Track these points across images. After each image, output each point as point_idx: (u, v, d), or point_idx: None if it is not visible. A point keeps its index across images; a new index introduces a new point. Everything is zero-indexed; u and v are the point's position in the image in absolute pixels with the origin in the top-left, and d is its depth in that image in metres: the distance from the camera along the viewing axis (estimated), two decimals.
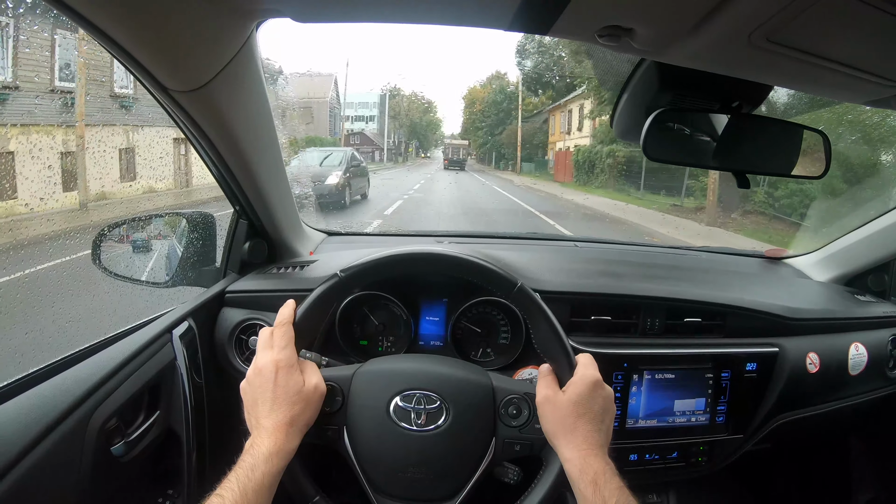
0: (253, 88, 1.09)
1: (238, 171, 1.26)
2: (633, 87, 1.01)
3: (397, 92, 43.09)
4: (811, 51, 0.75)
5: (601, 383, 0.93)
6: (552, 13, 0.70)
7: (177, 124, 1.11)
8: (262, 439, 0.85)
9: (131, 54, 0.83)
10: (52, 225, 3.07)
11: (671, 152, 1.05)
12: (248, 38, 0.94)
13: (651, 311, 1.46)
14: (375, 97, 41.60)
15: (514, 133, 32.93)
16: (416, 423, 0.94)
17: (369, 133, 38.36)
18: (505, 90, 37.70)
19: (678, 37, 0.74)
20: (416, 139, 46.04)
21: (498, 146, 36.23)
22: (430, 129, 48.40)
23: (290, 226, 1.60)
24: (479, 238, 2.17)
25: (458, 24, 0.81)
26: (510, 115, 35.73)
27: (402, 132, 43.80)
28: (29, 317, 2.11)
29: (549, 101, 31.63)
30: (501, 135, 35.26)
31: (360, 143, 35.50)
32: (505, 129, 35.05)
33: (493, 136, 36.79)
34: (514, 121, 34.24)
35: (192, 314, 1.33)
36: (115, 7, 0.72)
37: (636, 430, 1.41)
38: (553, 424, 0.91)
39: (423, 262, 1.03)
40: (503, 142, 35.28)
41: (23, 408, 0.86)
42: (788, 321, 1.53)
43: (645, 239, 8.54)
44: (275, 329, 0.95)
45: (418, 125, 45.45)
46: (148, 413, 1.14)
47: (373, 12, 0.80)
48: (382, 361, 1.05)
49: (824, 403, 1.59)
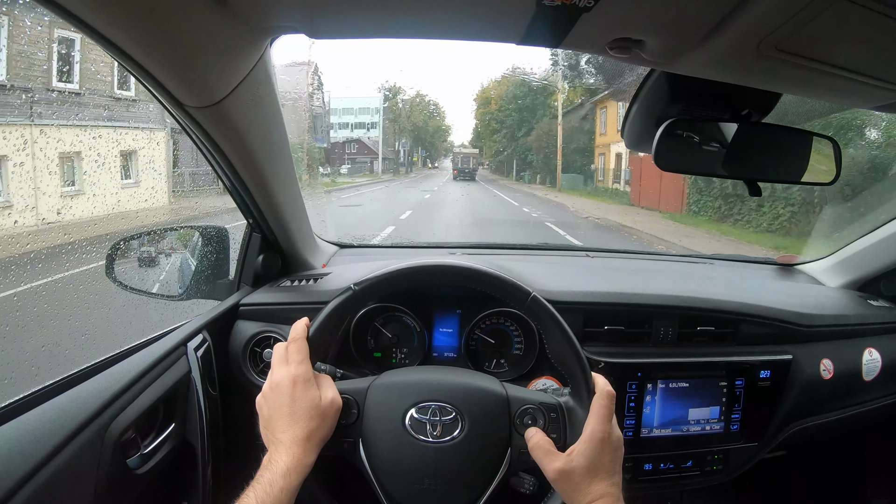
0: (267, 103, 1.10)
1: (252, 185, 1.27)
2: (644, 97, 1.02)
3: (398, 91, 38.69)
4: (820, 58, 0.75)
5: (608, 438, 0.90)
6: (564, 27, 0.71)
7: (191, 139, 1.13)
8: (279, 454, 0.86)
9: (148, 71, 0.84)
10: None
11: (682, 162, 1.06)
12: (262, 54, 0.95)
13: (664, 320, 1.46)
14: (377, 101, 37.47)
15: (545, 134, 26.73)
16: (432, 435, 0.94)
17: (369, 141, 34.96)
18: (528, 83, 31.00)
19: (688, 47, 0.75)
20: (423, 147, 41.55)
21: (521, 152, 30.31)
22: (438, 136, 44.70)
23: (302, 239, 1.60)
24: (490, 249, 2.17)
25: (470, 39, 0.82)
26: (535, 112, 30.40)
27: (406, 139, 39.27)
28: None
29: (585, 94, 25.20)
30: (529, 137, 29.08)
31: (356, 151, 33.26)
32: (532, 130, 28.96)
33: (515, 139, 30.84)
34: (542, 119, 29.12)
35: (207, 327, 1.34)
36: (132, 25, 0.73)
37: (650, 439, 1.40)
38: (568, 493, 0.89)
39: (436, 274, 1.04)
40: (530, 146, 28.89)
41: (41, 419, 0.87)
42: (801, 328, 1.53)
43: (657, 248, 8.44)
44: (289, 344, 0.96)
45: (423, 130, 40.90)
46: (163, 425, 1.14)
47: (387, 28, 0.81)
48: (397, 374, 1.05)
49: (838, 410, 1.58)
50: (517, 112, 31.24)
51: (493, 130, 33.64)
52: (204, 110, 0.97)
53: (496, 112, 33.45)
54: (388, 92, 37.76)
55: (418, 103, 40.80)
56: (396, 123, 38.30)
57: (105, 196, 3.33)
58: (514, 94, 31.80)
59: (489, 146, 34.46)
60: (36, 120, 2.74)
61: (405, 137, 39.49)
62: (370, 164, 32.91)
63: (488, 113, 34.49)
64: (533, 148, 28.26)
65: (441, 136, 44.83)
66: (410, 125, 39.35)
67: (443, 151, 43.59)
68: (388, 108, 37.70)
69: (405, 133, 39.16)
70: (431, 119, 42.60)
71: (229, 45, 0.87)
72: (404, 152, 39.58)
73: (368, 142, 35.18)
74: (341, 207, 13.53)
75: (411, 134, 39.56)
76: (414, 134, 39.81)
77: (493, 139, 33.57)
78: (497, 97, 33.81)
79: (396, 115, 38.72)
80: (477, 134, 39.27)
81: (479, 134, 38.01)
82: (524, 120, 30.40)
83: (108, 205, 3.39)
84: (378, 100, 37.87)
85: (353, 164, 31.88)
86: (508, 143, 31.34)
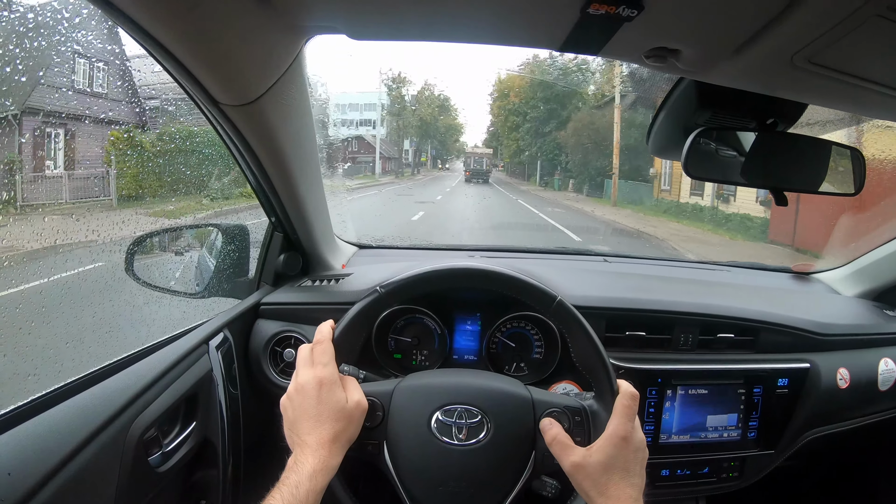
0: (300, 103, 1.11)
1: (279, 184, 1.28)
2: (671, 105, 1.02)
3: (402, 81, 32.81)
4: (852, 72, 0.76)
5: (629, 437, 0.90)
6: (606, 35, 0.72)
7: (221, 137, 1.14)
8: (305, 456, 0.86)
9: (188, 69, 0.84)
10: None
11: (710, 170, 1.06)
12: (298, 54, 0.96)
13: (685, 327, 1.46)
14: (384, 97, 32.48)
15: (586, 126, 20.98)
16: (458, 438, 0.94)
17: (373, 140, 30.01)
18: (564, 65, 24.93)
19: (722, 57, 0.75)
20: (432, 146, 36.68)
21: (548, 151, 24.63)
22: (450, 135, 38.82)
23: (324, 239, 1.61)
24: (509, 252, 2.18)
25: (508, 44, 0.83)
26: (565, 105, 24.82)
27: (413, 136, 34.24)
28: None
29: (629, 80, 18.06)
30: (561, 131, 23.10)
31: (357, 150, 30.11)
32: (565, 123, 23.14)
33: (541, 136, 25.15)
34: (576, 111, 23.89)
35: (228, 325, 1.34)
36: (174, 23, 0.74)
37: (669, 445, 1.41)
38: (585, 489, 0.89)
39: (462, 276, 1.04)
40: (561, 144, 22.85)
41: (64, 416, 0.87)
42: (819, 337, 1.53)
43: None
44: (315, 346, 0.96)
45: (432, 127, 35.07)
46: (185, 424, 1.15)
47: (426, 31, 0.82)
48: (423, 376, 1.05)
49: (854, 419, 1.58)
50: (544, 103, 25.74)
51: (513, 126, 28.06)
52: (239, 109, 0.98)
53: (518, 104, 27.65)
54: (390, 83, 32.73)
55: (427, 96, 35.02)
56: (400, 118, 33.78)
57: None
58: (540, 83, 25.68)
59: (508, 145, 29.23)
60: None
61: (412, 134, 34.77)
62: (372, 165, 29.25)
63: (507, 106, 28.78)
64: (567, 146, 22.30)
65: (453, 134, 39.23)
66: (417, 120, 34.27)
67: (455, 152, 39.13)
68: (392, 102, 33.34)
69: (411, 129, 34.33)
70: (442, 114, 36.75)
71: (268, 44, 0.87)
72: (412, 152, 35.35)
73: (373, 140, 30.93)
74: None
75: (418, 131, 34.70)
76: (421, 131, 34.83)
77: (511, 137, 28.19)
78: (519, 87, 27.72)
79: (400, 109, 33.98)
80: (492, 134, 34.11)
81: (495, 133, 32.47)
82: (553, 112, 24.84)
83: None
84: (384, 94, 33.02)
85: (354, 164, 28.28)
86: (532, 141, 26.01)
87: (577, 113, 23.49)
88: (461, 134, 40.10)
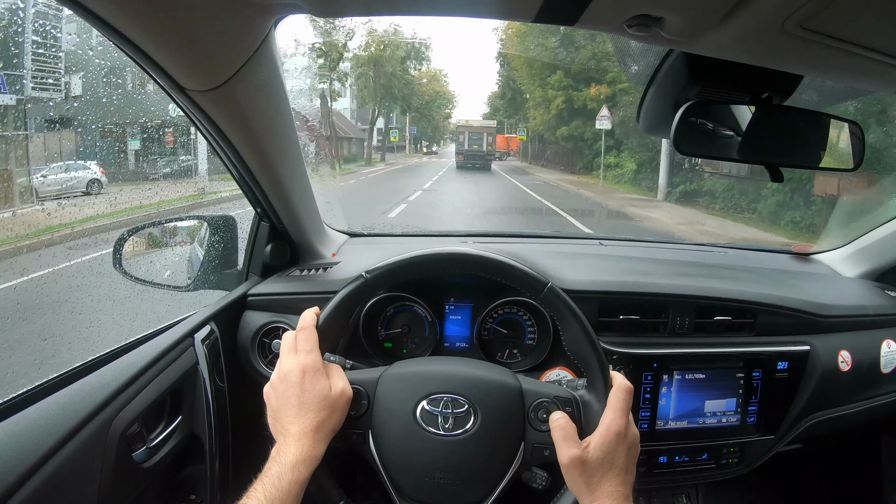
0: (272, 86, 1.07)
1: (259, 172, 1.25)
2: (661, 79, 0.99)
3: (351, 34, 21.64)
4: (847, 38, 0.72)
5: (625, 432, 0.88)
6: (581, 4, 0.68)
7: (194, 125, 1.11)
8: (288, 446, 0.84)
9: (147, 54, 0.82)
10: None
11: (701, 146, 1.03)
12: (266, 35, 0.93)
13: (681, 310, 1.43)
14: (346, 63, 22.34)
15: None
16: (444, 428, 0.92)
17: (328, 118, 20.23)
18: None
19: (710, 25, 0.72)
20: (413, 121, 26.17)
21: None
22: (436, 106, 28.31)
23: (312, 227, 1.59)
24: (503, 237, 2.16)
25: (481, 16, 0.80)
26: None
27: (377, 108, 24.04)
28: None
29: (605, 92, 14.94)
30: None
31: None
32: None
33: (580, 89, 16.09)
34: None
35: (214, 318, 1.32)
36: (130, 5, 0.71)
37: (666, 431, 1.38)
38: (579, 485, 0.87)
39: (449, 262, 1.01)
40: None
41: (44, 413, 0.86)
42: (819, 318, 1.50)
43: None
44: (298, 333, 0.94)
45: (398, 83, 24.17)
46: (170, 418, 1.14)
47: (395, 5, 0.79)
48: (408, 364, 1.03)
49: (856, 402, 1.56)
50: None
51: (542, 82, 17.85)
52: (206, 94, 0.95)
53: (546, 50, 18.04)
54: (345, 36, 21.61)
55: (388, 43, 23.25)
56: (347, 79, 23.24)
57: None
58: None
59: (535, 106, 19.35)
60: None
61: (375, 105, 24.37)
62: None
63: (526, 52, 19.10)
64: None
65: (441, 104, 29.07)
66: (382, 84, 23.66)
67: (448, 133, 29.63)
68: (332, 59, 21.88)
69: (365, 92, 24.15)
70: (417, 65, 25.44)
71: (230, 26, 0.84)
72: (384, 130, 25.96)
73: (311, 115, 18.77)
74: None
75: (384, 90, 24.09)
76: (383, 90, 24.00)
77: (545, 87, 17.50)
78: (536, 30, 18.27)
79: (355, 68, 22.90)
80: (498, 103, 23.49)
81: (506, 96, 22.43)
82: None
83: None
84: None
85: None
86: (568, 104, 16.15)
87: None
88: (452, 105, 30.42)
